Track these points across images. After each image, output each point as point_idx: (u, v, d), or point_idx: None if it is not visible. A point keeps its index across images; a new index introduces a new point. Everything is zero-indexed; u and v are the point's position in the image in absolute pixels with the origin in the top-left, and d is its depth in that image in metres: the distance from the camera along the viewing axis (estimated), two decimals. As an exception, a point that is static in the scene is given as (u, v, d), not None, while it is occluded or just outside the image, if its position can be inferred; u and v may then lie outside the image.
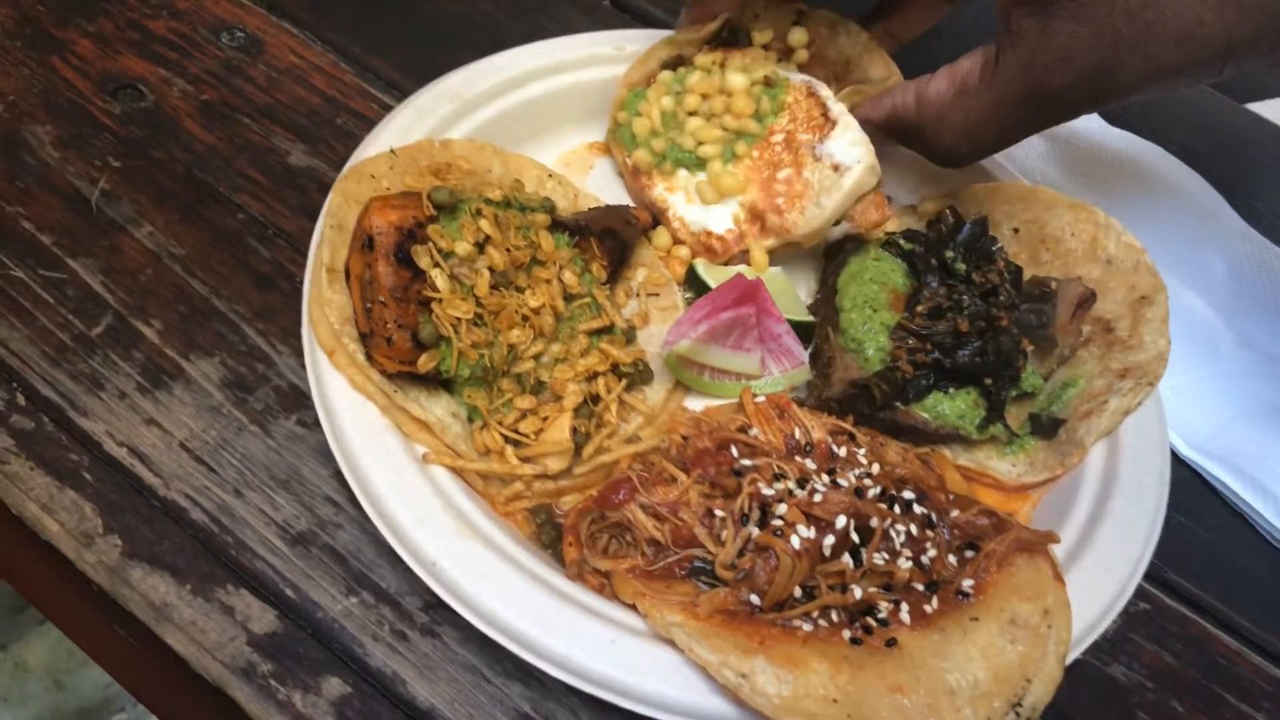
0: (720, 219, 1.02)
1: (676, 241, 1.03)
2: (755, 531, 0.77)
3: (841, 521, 0.78)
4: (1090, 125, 1.25)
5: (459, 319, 0.81)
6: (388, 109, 1.10)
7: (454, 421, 0.83)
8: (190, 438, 0.83)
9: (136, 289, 0.92)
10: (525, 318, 0.85)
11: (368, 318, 0.80)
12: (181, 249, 0.95)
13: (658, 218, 1.04)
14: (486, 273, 0.82)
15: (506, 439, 0.83)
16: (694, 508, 0.81)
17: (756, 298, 0.92)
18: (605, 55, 1.12)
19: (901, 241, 1.01)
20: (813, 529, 0.77)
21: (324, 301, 0.83)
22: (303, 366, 0.87)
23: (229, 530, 0.79)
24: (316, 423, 0.84)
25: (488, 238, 0.83)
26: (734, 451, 0.84)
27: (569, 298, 0.88)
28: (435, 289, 0.80)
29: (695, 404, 0.94)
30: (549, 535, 0.83)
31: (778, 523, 0.77)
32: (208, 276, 0.94)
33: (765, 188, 0.99)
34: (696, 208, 1.03)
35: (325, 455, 0.84)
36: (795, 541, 0.76)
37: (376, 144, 0.96)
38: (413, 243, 0.80)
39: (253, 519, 0.80)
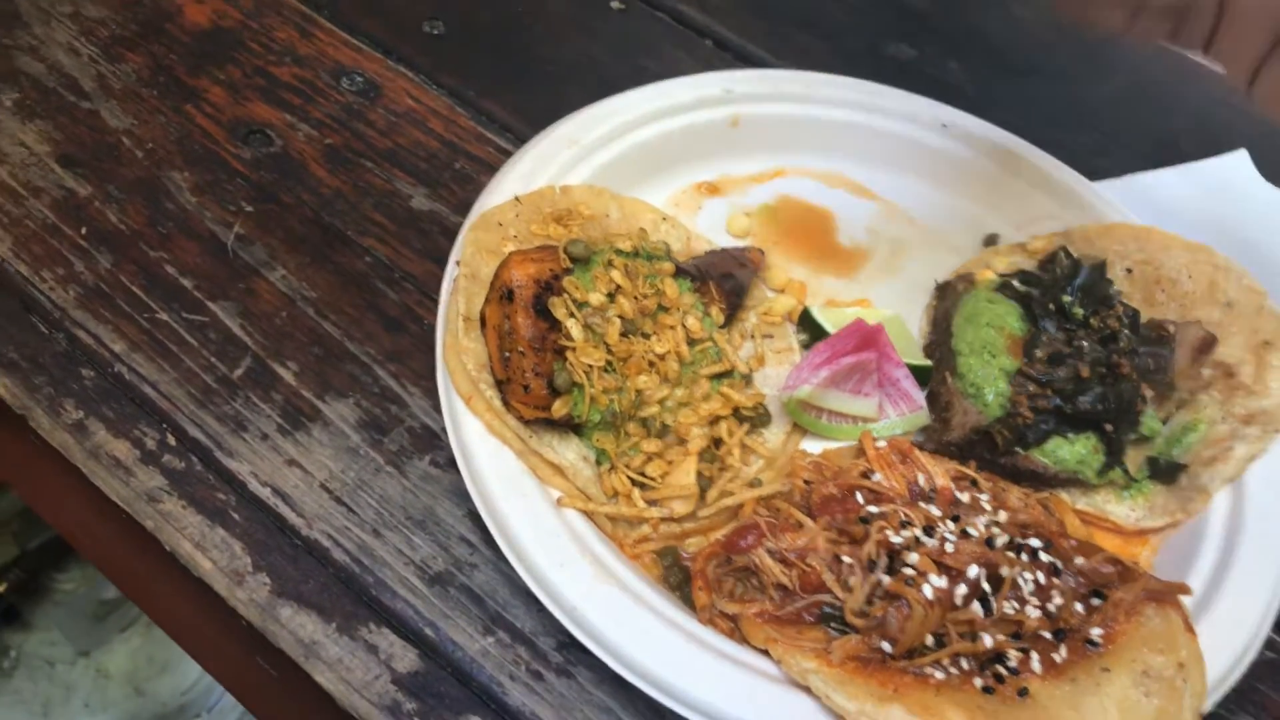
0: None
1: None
2: (885, 579, 0.78)
3: (974, 571, 0.78)
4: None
5: (591, 366, 0.83)
6: (503, 152, 1.13)
7: (584, 465, 0.85)
8: (330, 478, 0.87)
9: (273, 331, 0.95)
10: (651, 363, 0.87)
11: (505, 366, 0.83)
12: (314, 291, 0.99)
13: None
14: (617, 321, 0.84)
15: (634, 482, 0.85)
16: (821, 553, 0.82)
17: (877, 343, 0.93)
18: (714, 97, 1.14)
19: (1016, 284, 1.02)
20: (944, 578, 0.78)
21: (461, 349, 0.85)
22: (435, 409, 0.90)
23: (370, 570, 0.82)
24: (450, 463, 0.87)
25: (618, 287, 0.85)
26: (859, 498, 0.85)
27: (691, 343, 0.90)
28: (570, 338, 0.83)
29: (812, 446, 0.95)
30: (676, 577, 0.84)
31: (909, 571, 0.78)
32: (339, 319, 0.97)
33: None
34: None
35: (459, 496, 0.87)
36: (928, 591, 0.77)
37: (499, 191, 0.99)
38: (549, 294, 0.83)
39: (392, 559, 0.83)
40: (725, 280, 0.96)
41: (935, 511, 0.84)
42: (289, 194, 1.06)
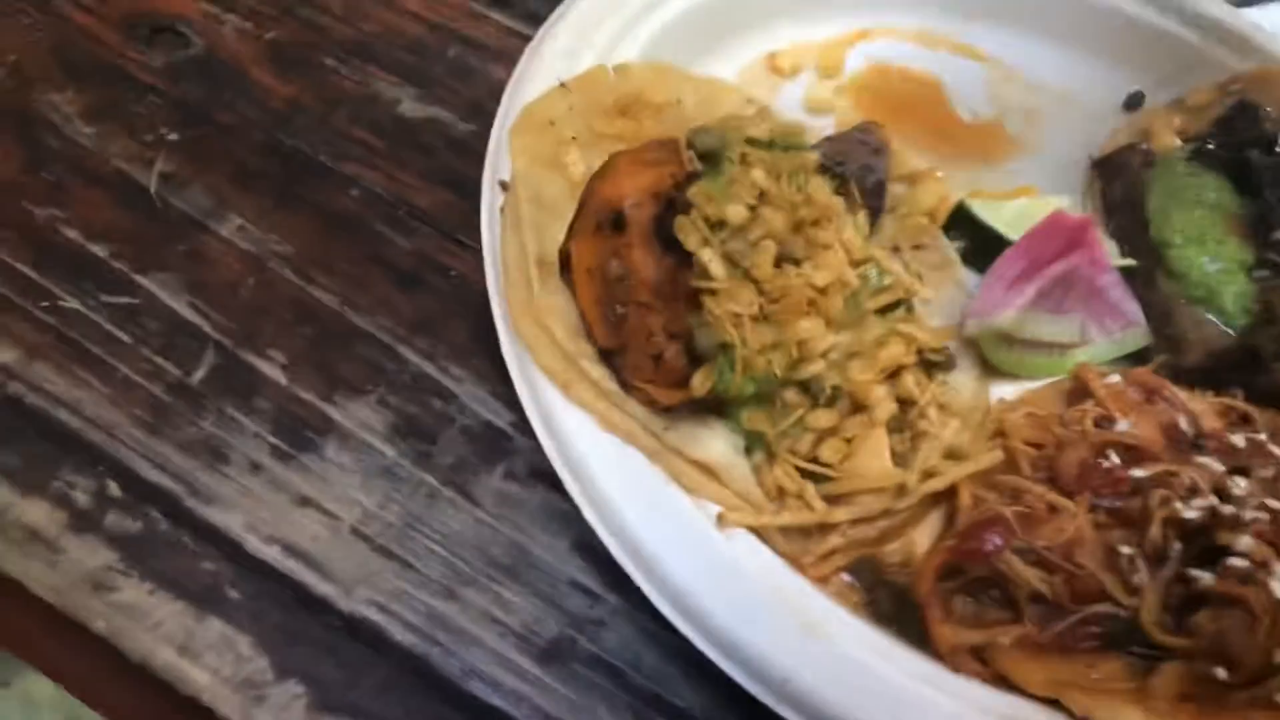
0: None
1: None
2: (1205, 577, 0.55)
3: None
4: None
5: (740, 315, 0.56)
6: (508, 33, 0.84)
7: (738, 459, 0.59)
8: (364, 519, 0.59)
9: (239, 309, 0.66)
10: (812, 301, 0.60)
11: (616, 328, 0.56)
12: (287, 245, 0.69)
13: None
14: (770, 245, 0.57)
15: (804, 473, 0.59)
16: (1090, 547, 0.58)
17: (1087, 242, 0.68)
18: (782, -60, 0.86)
19: (1211, 147, 0.78)
20: (1282, 564, 0.55)
21: (540, 310, 0.58)
22: (493, 395, 0.63)
23: (450, 650, 0.55)
24: (533, 474, 0.60)
25: (762, 194, 0.58)
26: (1114, 458, 0.61)
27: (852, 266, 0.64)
28: (709, 276, 0.56)
29: (997, 390, 0.71)
30: (886, 604, 0.59)
31: (1238, 562, 0.55)
32: (332, 281, 0.68)
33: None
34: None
35: (557, 520, 0.60)
36: (1277, 588, 0.54)
37: (535, 78, 0.70)
38: (673, 214, 0.55)
39: (479, 629, 0.56)
40: (866, 174, 0.70)
41: (1216, 466, 0.61)
42: (226, 112, 0.75)
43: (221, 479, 0.59)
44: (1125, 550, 0.57)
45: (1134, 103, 0.91)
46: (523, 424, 0.59)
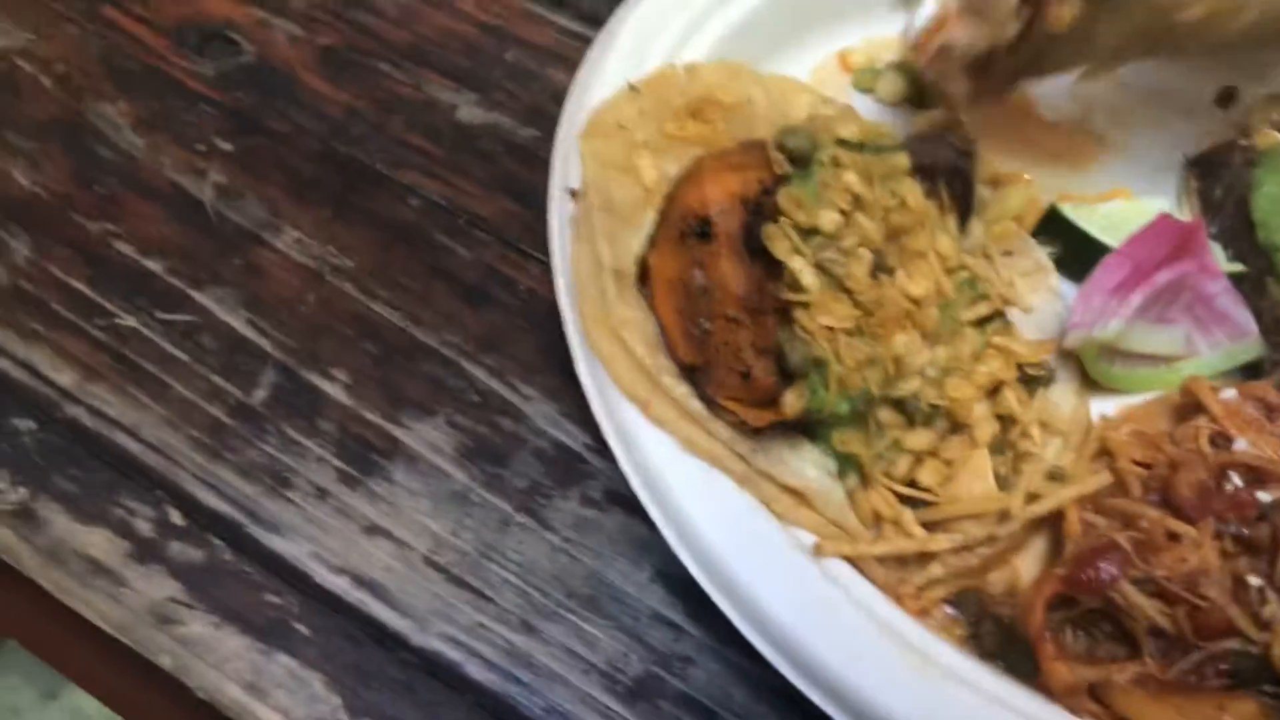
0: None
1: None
2: (1346, 612, 0.50)
3: None
4: None
5: (834, 329, 0.53)
6: (568, 34, 0.80)
7: (832, 484, 0.55)
8: (436, 547, 0.56)
9: (299, 326, 0.63)
10: (908, 313, 0.56)
11: (701, 343, 0.52)
12: (347, 258, 0.66)
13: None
14: (865, 254, 0.54)
15: (902, 499, 0.56)
16: (1215, 577, 0.54)
17: (1195, 246, 0.64)
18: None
19: (1318, 144, 0.73)
20: None
21: (617, 322, 0.54)
22: (564, 415, 0.60)
23: (532, 689, 0.52)
24: (610, 497, 0.57)
25: (856, 199, 0.55)
26: (1235, 480, 0.57)
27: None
28: (800, 288, 0.52)
29: (1097, 406, 0.66)
30: (992, 638, 0.55)
31: (1383, 597, 0.50)
32: (395, 296, 0.65)
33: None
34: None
35: (635, 546, 0.57)
36: None
37: (600, 81, 0.67)
38: (761, 221, 0.52)
39: (561, 666, 0.53)
40: (954, 177, 0.66)
41: (1347, 488, 0.56)
42: (280, 120, 0.72)
43: (285, 505, 0.56)
44: (1254, 581, 0.53)
45: (1227, 98, 0.86)
46: (598, 445, 0.56)
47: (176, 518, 0.55)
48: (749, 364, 0.51)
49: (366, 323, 0.64)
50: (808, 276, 0.52)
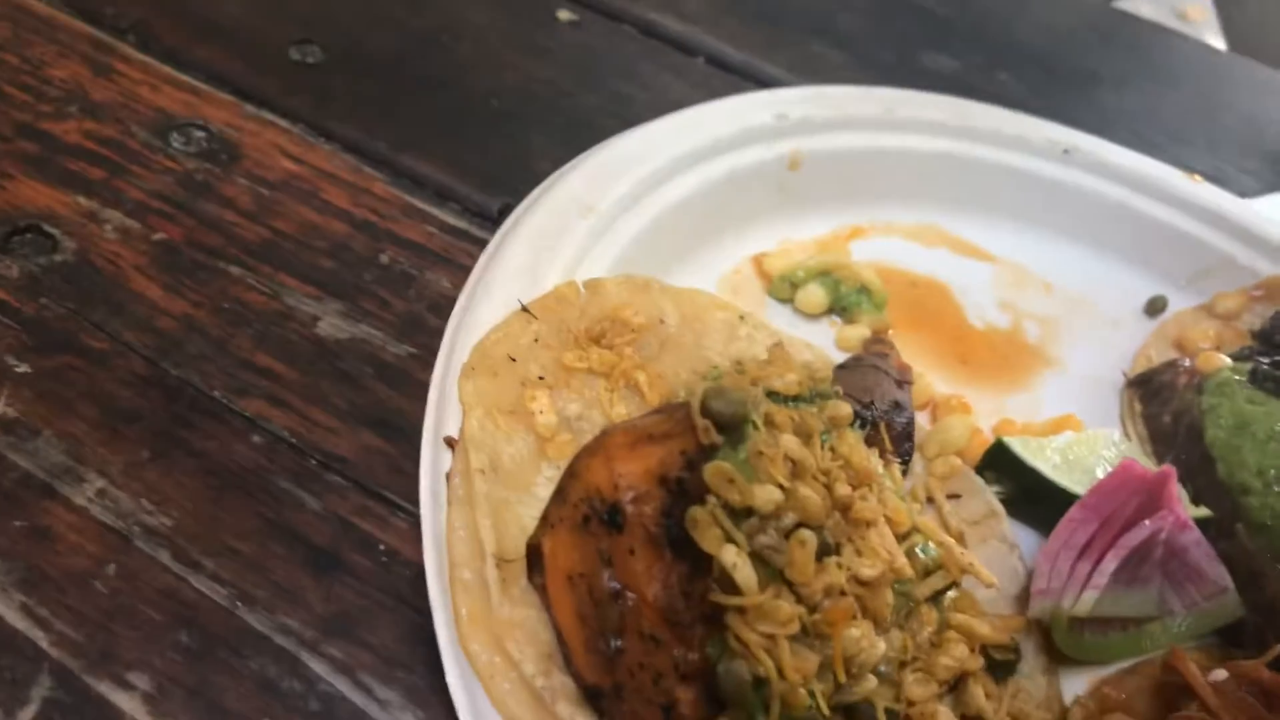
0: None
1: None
2: None
3: None
4: None
5: (775, 637, 0.42)
6: (453, 233, 0.71)
7: (774, 831, 0.43)
8: None
9: (91, 612, 0.49)
10: (859, 599, 0.46)
11: (609, 662, 0.40)
12: (164, 516, 0.53)
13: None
14: (809, 536, 0.43)
15: (859, 841, 0.44)
16: None
17: (1166, 499, 0.56)
18: (763, 127, 0.77)
19: (1267, 365, 0.68)
20: None
21: (500, 629, 0.42)
22: (433, 726, 0.47)
23: None
24: None
25: (794, 467, 0.45)
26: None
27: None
28: (733, 587, 0.41)
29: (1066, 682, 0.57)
30: None
31: None
32: (220, 566, 0.52)
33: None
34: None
35: None
36: None
37: (489, 299, 0.57)
38: (684, 503, 0.41)
39: None
40: (895, 414, 0.57)
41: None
42: (96, 335, 0.60)
43: None
44: None
45: (1156, 307, 0.81)
46: (477, 776, 0.43)
47: None
48: (672, 694, 0.40)
49: (181, 603, 0.50)
50: (743, 572, 0.41)
